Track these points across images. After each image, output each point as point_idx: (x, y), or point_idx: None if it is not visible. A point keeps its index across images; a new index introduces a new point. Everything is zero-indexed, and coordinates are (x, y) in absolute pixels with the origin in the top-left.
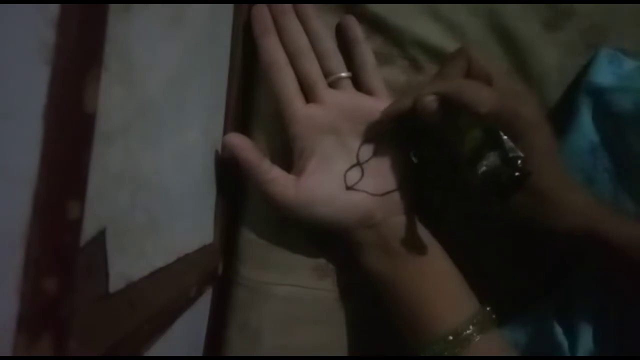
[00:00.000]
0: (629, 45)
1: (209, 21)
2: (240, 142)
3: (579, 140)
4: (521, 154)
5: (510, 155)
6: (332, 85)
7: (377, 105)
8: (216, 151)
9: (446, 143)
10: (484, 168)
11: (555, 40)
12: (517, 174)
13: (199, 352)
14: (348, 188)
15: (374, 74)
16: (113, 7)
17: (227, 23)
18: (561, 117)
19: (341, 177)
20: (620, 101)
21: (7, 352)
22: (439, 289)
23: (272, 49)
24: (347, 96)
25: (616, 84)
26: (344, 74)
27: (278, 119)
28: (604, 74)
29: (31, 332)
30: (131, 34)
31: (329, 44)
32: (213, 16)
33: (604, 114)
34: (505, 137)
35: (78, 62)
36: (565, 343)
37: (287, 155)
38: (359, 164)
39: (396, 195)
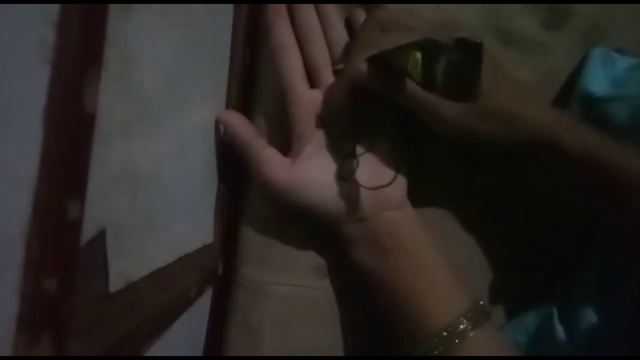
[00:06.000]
0: (629, 45)
1: (209, 21)
2: (235, 119)
3: None
4: (460, 35)
5: (451, 45)
6: (338, 74)
7: None
8: (216, 151)
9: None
10: (441, 76)
11: (555, 41)
12: (469, 52)
13: (199, 352)
14: (342, 178)
15: None
16: (113, 7)
17: (227, 23)
18: None
19: (335, 165)
20: (616, 111)
21: (7, 352)
22: (432, 284)
23: (282, 30)
24: None
25: (610, 91)
26: None
27: (278, 119)
28: (597, 80)
29: (31, 332)
30: (131, 34)
31: (341, 34)
32: (213, 16)
33: (598, 124)
34: (436, 39)
35: (78, 62)
36: (566, 343)
37: (287, 152)
38: (354, 154)
39: (388, 190)
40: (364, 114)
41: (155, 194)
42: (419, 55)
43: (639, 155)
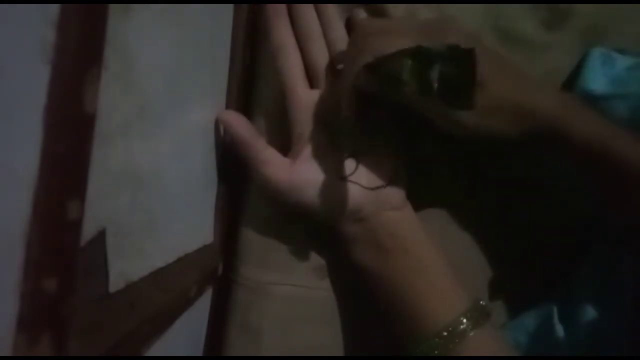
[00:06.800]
0: (629, 45)
1: (209, 21)
2: (235, 119)
3: None
4: (452, 43)
5: (444, 53)
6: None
7: None
8: (216, 151)
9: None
10: (435, 86)
11: (555, 40)
12: (462, 60)
13: (199, 352)
14: (342, 178)
15: None
16: (113, 7)
17: (227, 23)
18: None
19: (335, 165)
20: (615, 108)
21: (7, 352)
22: (432, 284)
23: (282, 31)
24: None
25: (610, 90)
26: None
27: (278, 119)
28: (597, 79)
29: (31, 332)
30: (131, 34)
31: (341, 34)
32: (213, 16)
33: None
34: (428, 46)
35: (78, 62)
36: (566, 343)
37: (287, 152)
38: (354, 155)
39: (388, 191)
40: (363, 114)
41: (155, 194)
42: (410, 62)
43: None
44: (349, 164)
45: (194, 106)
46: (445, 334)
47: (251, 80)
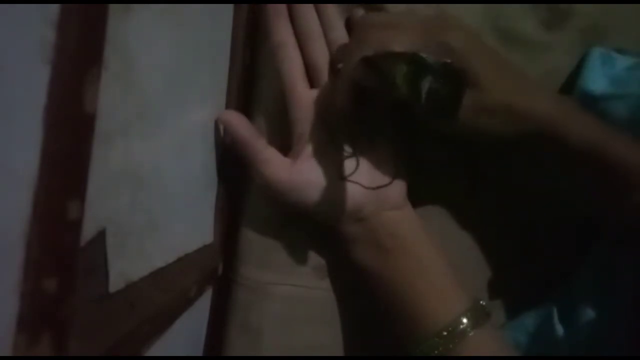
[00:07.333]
0: (629, 45)
1: (209, 21)
2: (235, 119)
3: None
4: (446, 60)
5: (437, 68)
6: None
7: None
8: (216, 151)
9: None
10: (424, 96)
11: (555, 40)
12: (452, 79)
13: (199, 352)
14: (342, 178)
15: None
16: (113, 7)
17: (226, 23)
18: None
19: (336, 165)
20: (615, 108)
21: (7, 352)
22: (432, 284)
23: (282, 30)
24: None
25: (610, 90)
26: None
27: (278, 119)
28: (596, 79)
29: (31, 332)
30: (131, 34)
31: (341, 34)
32: (213, 16)
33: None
34: (424, 55)
35: (78, 62)
36: (566, 343)
37: (287, 152)
38: (355, 154)
39: (388, 190)
40: (363, 114)
41: (155, 194)
42: (405, 67)
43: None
44: (350, 164)
45: (194, 106)
46: (445, 334)
47: (251, 80)
